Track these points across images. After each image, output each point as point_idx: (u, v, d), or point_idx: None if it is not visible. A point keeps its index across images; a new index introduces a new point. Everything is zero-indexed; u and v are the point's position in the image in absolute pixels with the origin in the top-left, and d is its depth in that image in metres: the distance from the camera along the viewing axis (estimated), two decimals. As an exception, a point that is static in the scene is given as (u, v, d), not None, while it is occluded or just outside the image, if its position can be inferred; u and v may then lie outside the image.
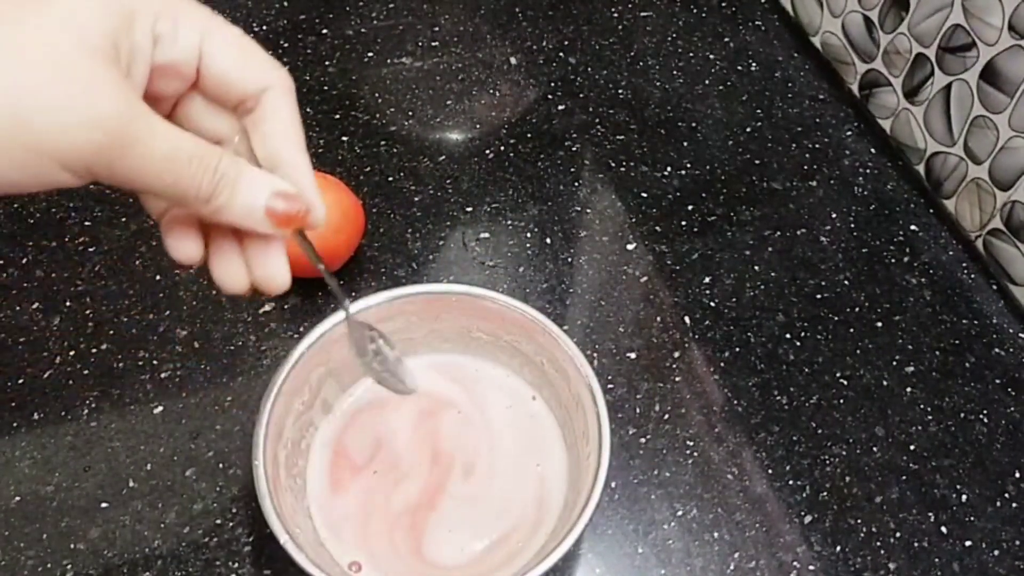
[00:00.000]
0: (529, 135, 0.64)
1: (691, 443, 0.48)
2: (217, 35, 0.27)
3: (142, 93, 0.26)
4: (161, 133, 0.25)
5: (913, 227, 0.60)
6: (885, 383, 0.52)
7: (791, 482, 0.47)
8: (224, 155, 0.26)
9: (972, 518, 0.46)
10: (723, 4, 0.77)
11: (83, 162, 0.23)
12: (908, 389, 0.52)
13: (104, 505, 0.44)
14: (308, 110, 0.64)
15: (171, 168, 0.25)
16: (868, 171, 0.64)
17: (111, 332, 0.51)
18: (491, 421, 0.45)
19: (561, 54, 0.71)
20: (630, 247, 0.58)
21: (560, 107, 0.66)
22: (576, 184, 0.61)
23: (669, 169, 0.63)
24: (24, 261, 0.53)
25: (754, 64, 0.71)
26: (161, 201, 0.29)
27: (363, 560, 0.40)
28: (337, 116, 0.64)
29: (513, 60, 0.70)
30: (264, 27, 0.71)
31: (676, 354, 0.52)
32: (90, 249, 0.54)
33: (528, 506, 0.42)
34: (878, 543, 0.45)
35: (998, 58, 0.53)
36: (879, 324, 0.54)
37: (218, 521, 0.44)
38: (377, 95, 0.66)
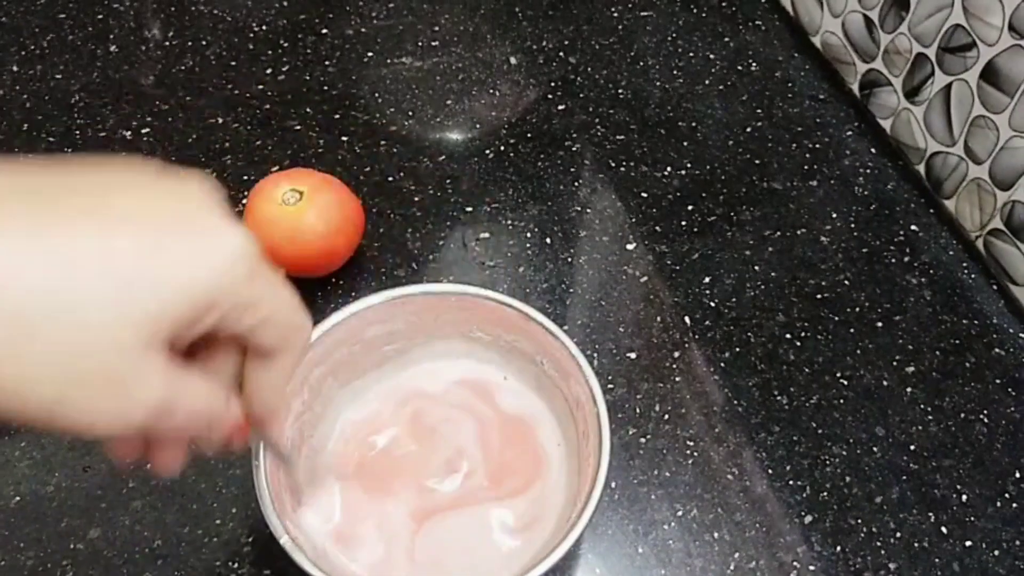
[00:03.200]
0: (529, 135, 0.64)
1: (691, 443, 0.48)
2: (271, 320, 0.28)
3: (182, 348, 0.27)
4: (192, 392, 0.27)
5: (913, 227, 0.60)
6: (885, 383, 0.52)
7: (791, 482, 0.47)
8: (230, 404, 0.29)
9: (972, 518, 0.46)
10: (723, 4, 0.77)
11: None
12: (908, 389, 0.52)
13: (104, 505, 0.44)
14: (308, 110, 0.64)
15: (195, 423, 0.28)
16: (868, 171, 0.64)
17: (111, 332, 0.51)
18: (491, 421, 0.45)
19: (561, 54, 0.71)
20: (630, 247, 0.58)
21: (560, 107, 0.66)
22: (576, 184, 0.61)
23: (669, 169, 0.62)
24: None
25: (754, 64, 0.71)
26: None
27: (363, 560, 0.40)
28: (337, 116, 0.64)
29: (513, 60, 0.70)
30: (264, 27, 0.71)
31: (676, 354, 0.52)
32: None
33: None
34: (878, 543, 0.45)
35: (998, 58, 0.53)
36: (879, 324, 0.54)
37: (218, 521, 0.44)
38: (377, 95, 0.66)
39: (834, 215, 0.60)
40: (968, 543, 0.46)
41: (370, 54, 0.70)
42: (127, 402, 0.24)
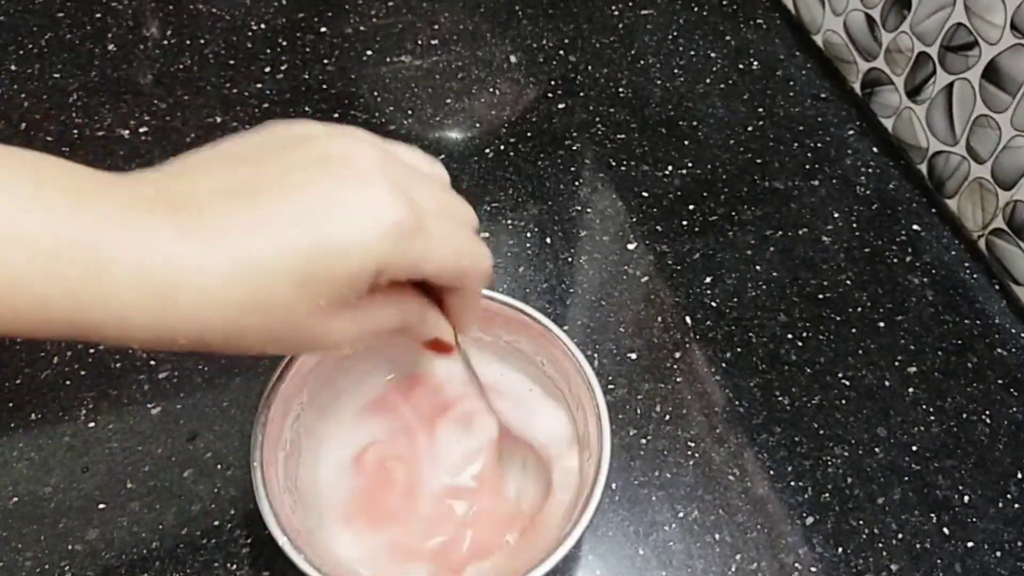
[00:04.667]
0: (529, 134, 0.64)
1: (692, 444, 0.48)
2: (443, 270, 0.31)
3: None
4: (377, 320, 0.31)
5: (915, 227, 0.60)
6: (887, 383, 0.51)
7: (793, 483, 0.47)
8: (425, 312, 0.34)
9: (974, 519, 0.46)
10: (724, 2, 0.76)
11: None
12: (910, 389, 0.51)
13: (102, 506, 0.44)
14: (307, 109, 0.64)
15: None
16: (870, 170, 0.63)
17: (109, 332, 0.50)
18: (491, 421, 0.44)
19: (561, 52, 0.71)
20: (631, 247, 0.57)
21: (560, 106, 0.66)
22: (576, 184, 0.61)
23: (670, 168, 0.62)
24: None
25: (755, 63, 0.71)
26: None
27: (362, 561, 0.39)
28: (336, 115, 0.64)
29: (513, 59, 0.70)
30: (263, 25, 0.71)
31: (677, 354, 0.52)
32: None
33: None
34: (880, 544, 0.45)
35: (1000, 57, 0.53)
36: (881, 324, 0.54)
37: (216, 522, 0.44)
38: (376, 94, 0.66)
39: (836, 215, 0.60)
40: (970, 544, 0.45)
41: (369, 53, 0.69)
42: (328, 344, 0.29)
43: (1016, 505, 0.47)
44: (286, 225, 0.27)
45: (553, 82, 0.68)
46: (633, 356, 0.52)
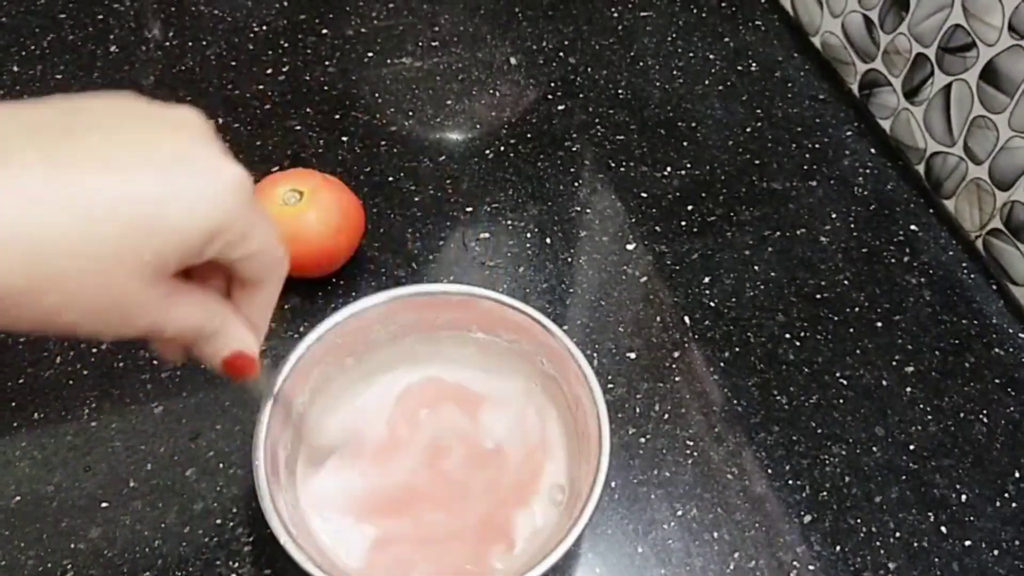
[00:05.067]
0: (529, 135, 0.64)
1: (691, 443, 0.48)
2: (260, 252, 0.29)
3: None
4: (182, 312, 0.28)
5: (913, 227, 0.60)
6: (885, 383, 0.52)
7: (791, 482, 0.47)
8: (226, 317, 0.31)
9: (972, 518, 0.46)
10: (723, 4, 0.77)
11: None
12: (908, 389, 0.52)
13: (104, 505, 0.44)
14: (308, 110, 0.64)
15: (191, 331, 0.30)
16: (868, 171, 0.64)
17: (111, 332, 0.51)
18: (491, 422, 0.45)
19: (561, 54, 0.71)
20: (630, 247, 0.58)
21: (560, 107, 0.66)
22: (576, 184, 0.61)
23: (669, 169, 0.63)
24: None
25: (754, 64, 0.71)
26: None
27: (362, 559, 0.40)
28: (337, 116, 0.64)
29: (513, 60, 0.70)
30: (264, 27, 0.71)
31: (676, 354, 0.52)
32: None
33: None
34: (878, 543, 0.45)
35: (998, 58, 0.53)
36: (879, 324, 0.54)
37: (218, 521, 0.44)
38: (377, 95, 0.66)
39: (834, 215, 0.61)
40: (967, 543, 0.46)
41: (370, 54, 0.70)
42: (129, 325, 0.26)
43: (1013, 504, 0.47)
44: (122, 165, 0.25)
45: (553, 83, 0.68)
46: (632, 356, 0.52)
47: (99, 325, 0.26)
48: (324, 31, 0.71)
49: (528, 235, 0.58)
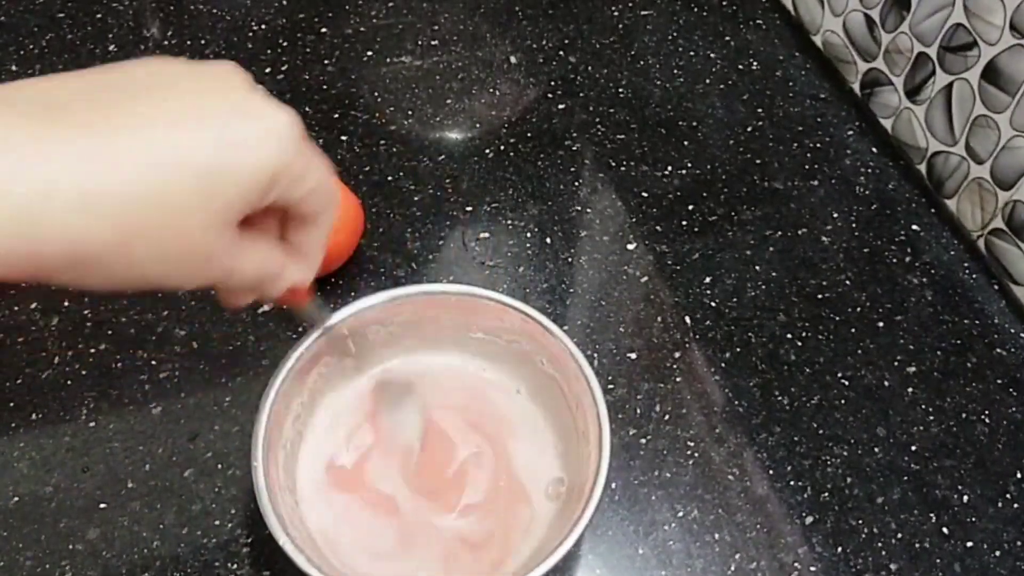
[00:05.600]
0: (529, 134, 0.64)
1: (692, 444, 0.48)
2: (316, 190, 0.30)
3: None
4: (248, 259, 0.30)
5: (915, 227, 0.60)
6: (886, 383, 0.52)
7: (792, 483, 0.47)
8: (284, 258, 0.32)
9: (973, 519, 0.46)
10: (724, 3, 0.76)
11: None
12: (909, 389, 0.51)
13: (103, 506, 0.44)
14: (307, 109, 0.64)
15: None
16: (869, 170, 0.63)
17: (110, 332, 0.50)
18: (490, 422, 0.44)
19: (561, 53, 0.71)
20: (630, 247, 0.57)
21: (560, 106, 0.66)
22: (576, 184, 0.61)
23: (670, 168, 0.62)
24: (22, 261, 0.53)
25: (755, 63, 0.71)
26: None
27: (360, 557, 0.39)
28: (336, 115, 0.64)
29: (513, 59, 0.70)
30: (263, 26, 0.71)
31: (677, 354, 0.52)
32: (89, 249, 0.54)
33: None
34: (879, 544, 0.45)
35: (999, 57, 0.53)
36: (880, 324, 0.54)
37: (217, 522, 0.44)
38: (376, 94, 0.66)
39: (835, 215, 0.60)
40: (969, 544, 0.45)
41: (369, 53, 0.69)
42: (206, 272, 0.28)
43: (1015, 505, 0.47)
44: (184, 120, 0.26)
45: (553, 82, 0.68)
46: (633, 356, 0.52)
47: (181, 275, 0.27)
48: (323, 30, 0.71)
49: (528, 235, 0.58)
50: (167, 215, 0.25)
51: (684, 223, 0.59)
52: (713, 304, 0.55)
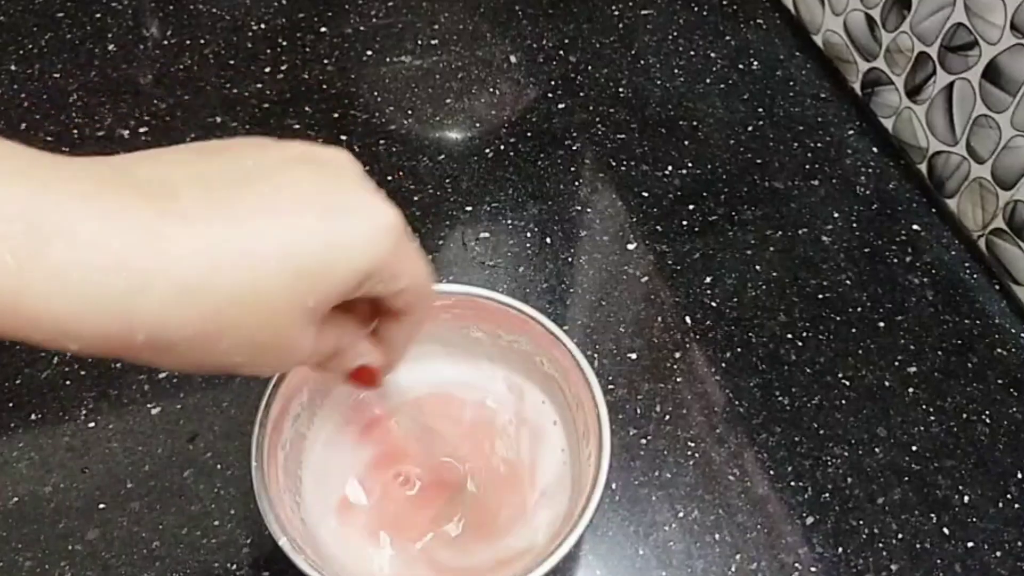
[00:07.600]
0: (529, 134, 0.64)
1: (692, 444, 0.48)
2: (409, 289, 0.30)
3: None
4: (324, 341, 0.30)
5: (915, 226, 0.60)
6: (887, 383, 0.51)
7: (793, 483, 0.47)
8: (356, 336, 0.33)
9: (974, 519, 0.46)
10: (724, 2, 0.76)
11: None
12: (910, 389, 0.51)
13: (102, 506, 0.44)
14: (307, 108, 0.64)
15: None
16: (870, 170, 0.63)
17: (109, 332, 0.50)
18: (490, 422, 0.44)
19: (561, 52, 0.71)
20: (631, 247, 0.57)
21: (560, 106, 0.66)
22: (576, 184, 0.61)
23: (670, 168, 0.62)
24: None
25: (755, 63, 0.71)
26: None
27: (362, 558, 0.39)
28: (336, 115, 0.64)
29: (513, 58, 0.70)
30: (263, 25, 0.71)
31: (677, 354, 0.52)
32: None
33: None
34: (880, 544, 0.45)
35: (1000, 57, 0.53)
36: (881, 324, 0.54)
37: (216, 522, 0.44)
38: (376, 94, 0.66)
39: (836, 215, 0.60)
40: (970, 544, 0.45)
41: (369, 53, 0.69)
42: (286, 362, 0.29)
43: (1016, 505, 0.47)
44: (288, 215, 0.26)
45: (553, 82, 0.68)
46: (633, 356, 0.52)
47: (261, 365, 0.27)
48: (323, 29, 0.71)
49: (528, 235, 0.58)
50: (257, 310, 0.25)
51: (684, 223, 0.59)
52: (713, 304, 0.55)
